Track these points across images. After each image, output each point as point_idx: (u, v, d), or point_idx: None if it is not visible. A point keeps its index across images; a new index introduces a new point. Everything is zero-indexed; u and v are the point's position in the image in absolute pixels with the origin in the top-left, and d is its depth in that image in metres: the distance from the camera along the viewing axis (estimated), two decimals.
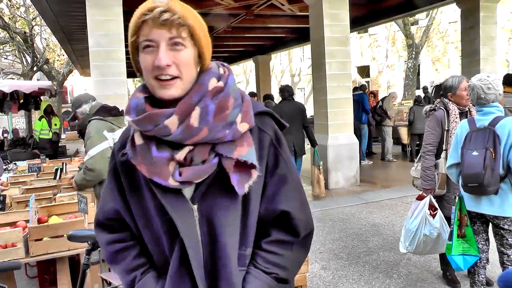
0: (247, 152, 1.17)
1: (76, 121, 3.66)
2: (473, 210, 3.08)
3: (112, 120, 3.51)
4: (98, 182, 3.56)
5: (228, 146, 1.16)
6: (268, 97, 9.83)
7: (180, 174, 1.15)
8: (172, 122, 1.11)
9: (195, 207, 1.21)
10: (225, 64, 1.28)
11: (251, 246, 1.28)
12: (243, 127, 1.18)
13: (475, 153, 2.90)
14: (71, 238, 2.30)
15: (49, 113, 10.18)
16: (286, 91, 6.99)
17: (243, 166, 1.17)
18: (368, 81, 27.50)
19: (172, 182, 1.15)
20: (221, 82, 1.18)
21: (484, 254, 3.20)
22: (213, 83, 1.17)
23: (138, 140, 1.20)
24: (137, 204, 1.29)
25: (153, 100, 1.20)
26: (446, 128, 3.64)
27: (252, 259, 1.28)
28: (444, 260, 3.82)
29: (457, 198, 3.17)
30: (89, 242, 2.30)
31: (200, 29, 1.17)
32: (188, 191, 1.22)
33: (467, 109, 3.65)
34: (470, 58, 9.20)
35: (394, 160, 10.63)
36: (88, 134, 3.44)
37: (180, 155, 1.14)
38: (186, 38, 1.14)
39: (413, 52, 19.48)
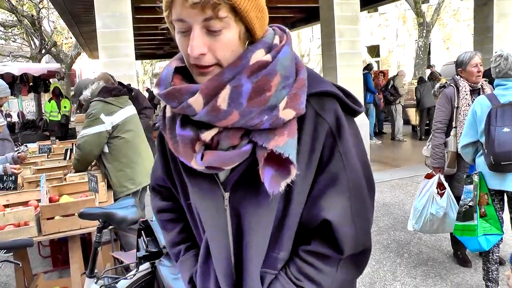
0: (285, 143, 0.93)
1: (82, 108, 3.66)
2: (497, 188, 2.98)
3: (112, 101, 3.48)
4: (87, 164, 3.59)
5: (266, 134, 0.94)
6: None
7: (202, 158, 0.97)
8: (196, 101, 0.92)
9: (227, 194, 1.05)
10: (286, 30, 1.05)
11: (287, 250, 1.08)
12: (287, 114, 0.94)
13: (506, 129, 2.76)
14: (82, 215, 2.31)
15: (57, 95, 10.20)
16: None
17: (280, 160, 0.94)
18: (378, 61, 27.20)
19: (195, 165, 0.99)
20: (268, 56, 0.94)
21: None
22: (257, 57, 0.94)
23: (168, 112, 1.04)
24: (178, 178, 1.18)
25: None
26: (456, 105, 3.57)
27: (286, 264, 1.09)
28: (455, 239, 3.80)
29: (475, 177, 3.08)
30: (100, 220, 2.31)
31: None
32: (223, 174, 1.06)
33: (480, 86, 3.56)
34: (483, 35, 9.02)
35: (404, 139, 10.58)
36: (87, 115, 3.44)
37: (206, 135, 0.95)
38: (227, 17, 0.90)
39: (424, 31, 19.15)
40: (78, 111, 3.74)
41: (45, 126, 10.23)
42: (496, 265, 3.15)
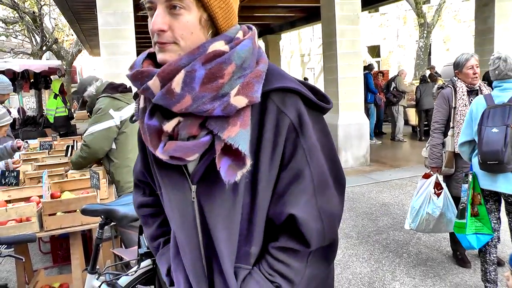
0: (236, 134, 0.97)
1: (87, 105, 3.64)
2: (488, 189, 3.03)
3: (120, 97, 3.47)
4: (93, 161, 3.57)
5: (221, 122, 0.98)
6: None
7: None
8: (154, 84, 0.97)
9: (194, 187, 1.08)
10: (253, 27, 1.09)
11: (259, 245, 1.11)
12: (238, 101, 0.97)
13: (494, 130, 2.81)
14: (84, 211, 2.32)
15: (61, 92, 10.24)
16: None
17: (235, 151, 0.98)
18: (379, 61, 27.18)
19: (159, 155, 1.03)
20: (226, 46, 0.99)
21: (496, 233, 3.17)
22: (215, 47, 0.98)
23: (141, 102, 1.09)
24: (153, 170, 1.21)
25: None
26: (453, 106, 3.60)
27: (258, 260, 1.13)
28: (454, 239, 3.81)
29: (469, 176, 3.13)
30: (102, 216, 2.32)
31: None
32: (191, 167, 1.09)
33: (477, 87, 3.59)
34: (484, 36, 9.02)
35: (404, 140, 10.61)
36: (95, 111, 3.41)
37: (168, 126, 1.00)
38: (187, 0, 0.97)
39: (425, 32, 19.14)
40: (82, 106, 3.71)
41: (45, 123, 10.22)
42: (493, 266, 3.17)
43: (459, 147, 3.23)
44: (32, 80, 11.52)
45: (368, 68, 10.78)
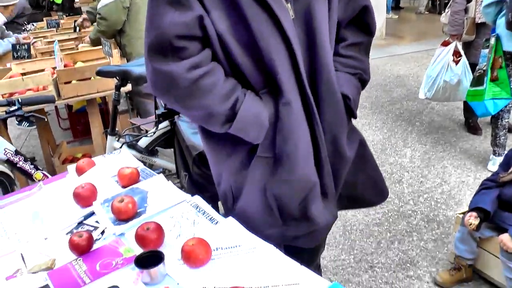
0: None
1: None
2: None
3: None
4: (113, 33, 3.48)
5: None
6: None
7: None
8: None
9: (289, 5, 1.14)
10: None
11: (333, 47, 1.28)
12: None
13: None
14: (99, 73, 2.31)
15: None
16: None
17: None
18: None
19: None
20: None
21: None
22: None
23: None
24: (221, 5, 1.06)
25: None
26: None
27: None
28: (467, 108, 3.81)
29: (492, 39, 3.00)
30: (117, 78, 2.32)
31: None
32: None
33: None
34: None
35: (426, 12, 10.25)
36: None
37: None
38: None
39: None
40: None
41: (49, 5, 9.89)
42: (504, 131, 3.19)
43: (484, 9, 3.04)
44: None
45: None
